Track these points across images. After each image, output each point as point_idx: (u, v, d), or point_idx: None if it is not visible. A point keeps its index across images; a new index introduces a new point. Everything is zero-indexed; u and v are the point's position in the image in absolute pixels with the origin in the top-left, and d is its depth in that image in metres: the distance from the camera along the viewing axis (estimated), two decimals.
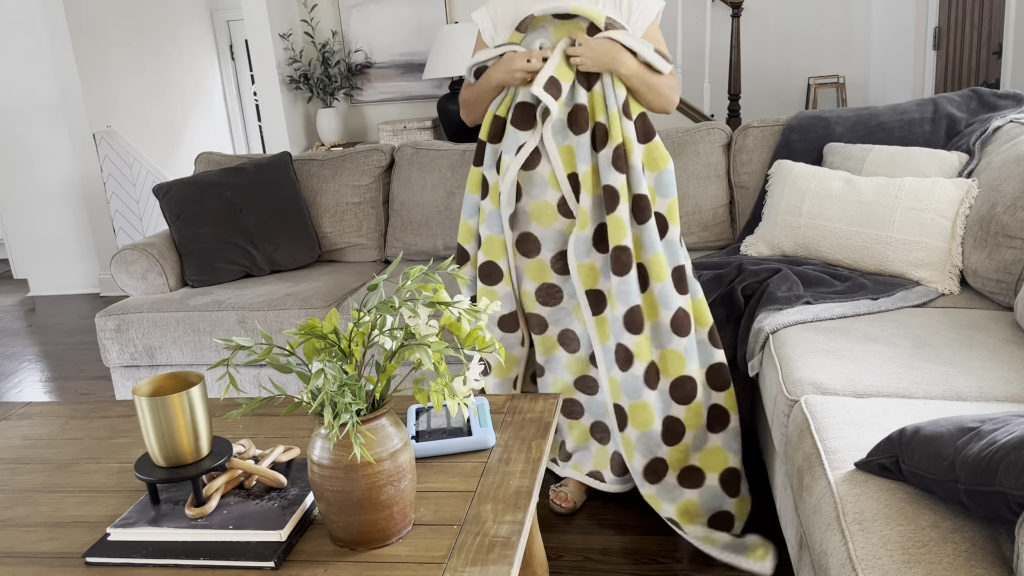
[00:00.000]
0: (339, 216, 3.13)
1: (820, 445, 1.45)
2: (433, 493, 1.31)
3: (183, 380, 1.31)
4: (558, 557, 2.02)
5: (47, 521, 1.34)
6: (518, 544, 1.16)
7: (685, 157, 2.86)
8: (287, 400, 1.91)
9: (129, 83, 5.27)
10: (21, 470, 1.53)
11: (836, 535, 1.23)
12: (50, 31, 4.77)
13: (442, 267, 1.19)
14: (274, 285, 2.85)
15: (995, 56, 3.98)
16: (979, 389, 1.62)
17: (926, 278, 2.21)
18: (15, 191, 5.21)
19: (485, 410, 1.52)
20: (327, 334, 1.13)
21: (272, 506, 1.26)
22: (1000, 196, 2.08)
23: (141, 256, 2.89)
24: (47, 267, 5.33)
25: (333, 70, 4.67)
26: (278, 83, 4.56)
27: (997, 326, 1.92)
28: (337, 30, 4.76)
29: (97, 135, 4.92)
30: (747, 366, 2.10)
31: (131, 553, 1.20)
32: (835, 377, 1.71)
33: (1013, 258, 2.00)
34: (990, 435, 1.09)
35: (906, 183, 2.27)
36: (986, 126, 2.45)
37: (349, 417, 1.07)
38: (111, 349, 2.78)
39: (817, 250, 2.39)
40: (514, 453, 1.42)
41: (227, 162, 3.26)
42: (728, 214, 2.86)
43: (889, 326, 1.96)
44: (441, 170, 3.06)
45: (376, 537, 1.17)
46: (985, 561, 1.08)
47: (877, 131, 2.65)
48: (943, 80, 4.72)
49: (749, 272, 2.30)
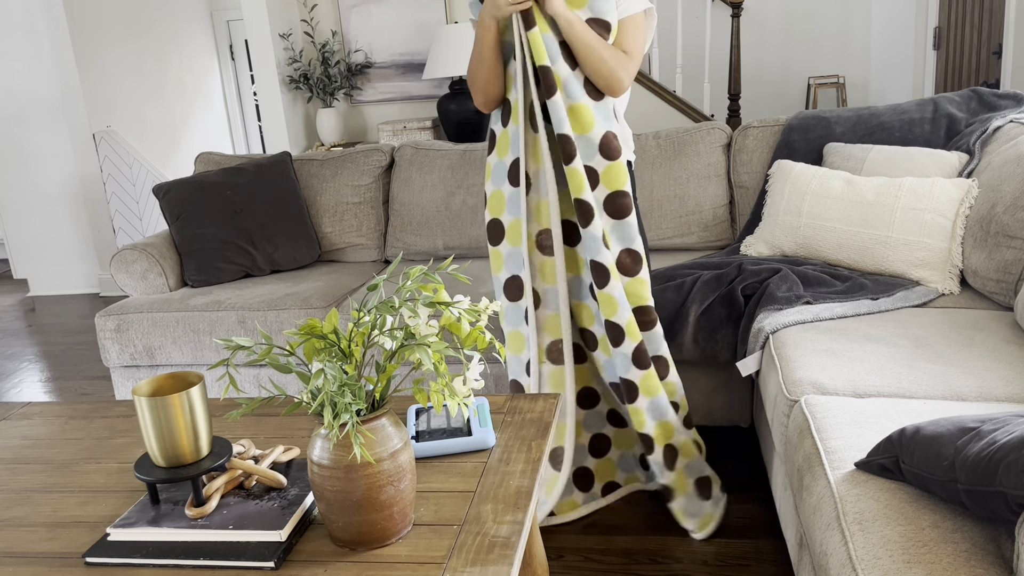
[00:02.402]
0: (339, 216, 3.13)
1: (820, 445, 1.45)
2: (433, 493, 1.31)
3: (183, 380, 1.31)
4: (558, 557, 2.02)
5: (47, 521, 1.34)
6: (518, 544, 1.16)
7: (685, 157, 2.86)
8: (287, 400, 1.91)
9: (129, 83, 5.27)
10: (21, 470, 1.53)
11: (836, 535, 1.23)
12: (50, 31, 4.77)
13: (442, 267, 1.19)
14: (274, 285, 2.85)
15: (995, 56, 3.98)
16: (979, 389, 1.62)
17: (926, 278, 2.21)
18: (15, 191, 5.21)
19: (485, 410, 1.52)
20: (327, 334, 1.13)
21: (272, 506, 1.26)
22: (1000, 196, 2.08)
23: (141, 256, 2.89)
24: (47, 267, 5.33)
25: (333, 70, 4.67)
26: (278, 83, 4.56)
27: (997, 326, 1.92)
28: (337, 30, 4.76)
29: (97, 135, 4.92)
30: (747, 367, 2.10)
31: (131, 553, 1.20)
32: (835, 377, 1.71)
33: (1013, 258, 2.00)
34: (990, 435, 1.09)
35: (906, 183, 2.27)
36: (986, 126, 2.45)
37: (349, 417, 1.07)
38: (111, 349, 2.78)
39: (817, 250, 2.39)
40: (514, 453, 1.42)
41: (227, 162, 3.26)
42: (728, 214, 2.86)
43: (889, 326, 1.96)
44: (441, 170, 3.06)
45: (376, 537, 1.17)
46: (985, 561, 1.08)
47: (877, 131, 2.65)
48: (943, 80, 4.72)
49: (749, 272, 2.30)
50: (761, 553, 1.98)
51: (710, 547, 2.01)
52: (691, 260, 2.57)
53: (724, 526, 2.09)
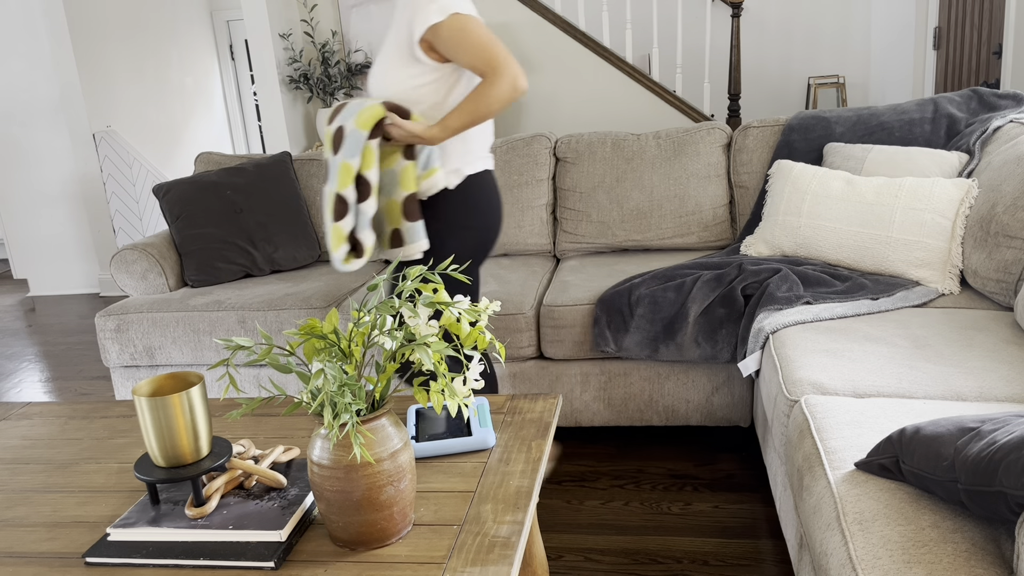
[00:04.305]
0: None
1: (820, 445, 1.45)
2: (433, 493, 1.31)
3: (183, 380, 1.31)
4: (558, 557, 2.02)
5: (47, 521, 1.34)
6: (518, 544, 1.16)
7: (685, 157, 2.86)
8: (287, 400, 1.91)
9: (129, 83, 5.27)
10: (21, 470, 1.53)
11: (836, 535, 1.23)
12: (50, 31, 4.77)
13: (442, 267, 1.19)
14: (274, 285, 2.85)
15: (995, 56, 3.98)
16: (979, 389, 1.62)
17: (926, 278, 2.21)
18: (15, 191, 5.21)
19: (485, 410, 1.52)
20: (327, 334, 1.13)
21: (272, 506, 1.26)
22: (1000, 196, 2.08)
23: (141, 256, 2.89)
24: (47, 267, 5.33)
25: (333, 70, 4.67)
26: (278, 83, 4.56)
27: (997, 326, 1.92)
28: (337, 30, 4.76)
29: (97, 135, 4.92)
30: (747, 367, 2.10)
31: (131, 553, 1.20)
32: (835, 377, 1.71)
33: (1013, 258, 2.00)
34: (990, 435, 1.09)
35: (906, 183, 2.27)
36: (986, 126, 2.45)
37: (349, 417, 1.07)
38: (111, 349, 2.78)
39: (817, 250, 2.39)
40: (514, 453, 1.42)
41: (227, 162, 3.26)
42: (728, 214, 2.86)
43: (889, 326, 1.96)
44: None
45: (376, 537, 1.17)
46: (985, 561, 1.08)
47: (877, 131, 2.65)
48: (943, 80, 4.72)
49: (749, 272, 2.30)
50: (761, 553, 1.98)
51: (710, 547, 2.01)
52: (691, 260, 2.57)
53: (724, 526, 2.09)
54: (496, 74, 1.76)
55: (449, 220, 1.94)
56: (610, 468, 2.43)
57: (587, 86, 4.56)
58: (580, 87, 4.57)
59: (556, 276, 2.71)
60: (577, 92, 4.59)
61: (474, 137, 1.94)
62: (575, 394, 2.49)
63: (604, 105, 4.59)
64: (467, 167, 1.94)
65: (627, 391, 2.45)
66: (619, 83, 4.53)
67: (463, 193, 1.95)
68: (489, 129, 2.01)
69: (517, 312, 2.44)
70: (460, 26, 1.76)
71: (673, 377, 2.41)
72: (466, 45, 1.76)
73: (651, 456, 2.48)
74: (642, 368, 2.42)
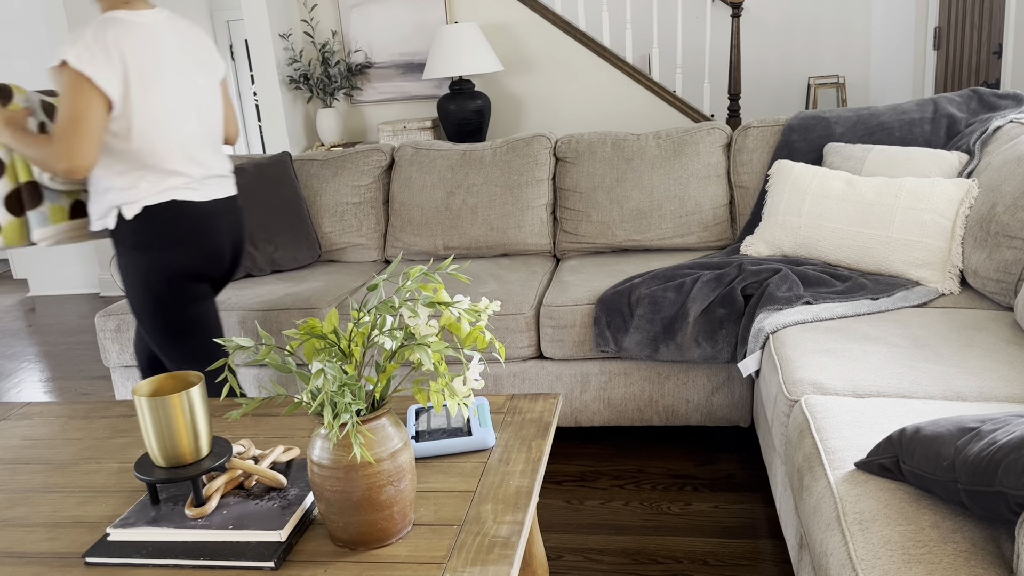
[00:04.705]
0: (339, 216, 3.13)
1: (820, 445, 1.45)
2: (433, 493, 1.31)
3: (183, 380, 1.31)
4: (558, 557, 2.02)
5: (47, 521, 1.34)
6: (518, 544, 1.16)
7: (685, 157, 2.86)
8: (287, 400, 1.91)
9: None
10: (21, 470, 1.53)
11: (836, 535, 1.23)
12: (50, 31, 4.77)
13: (442, 267, 1.19)
14: (274, 285, 2.85)
15: (995, 56, 3.98)
16: (979, 389, 1.62)
17: (926, 278, 2.21)
18: None
19: (485, 410, 1.52)
20: (327, 334, 1.13)
21: (272, 506, 1.26)
22: (1000, 196, 2.08)
23: None
24: (47, 267, 5.33)
25: (333, 70, 4.66)
26: (278, 83, 4.56)
27: (997, 326, 1.92)
28: (337, 30, 4.76)
29: None
30: (747, 367, 2.10)
31: (131, 553, 1.20)
32: (835, 377, 1.71)
33: (1013, 258, 2.00)
34: (990, 435, 1.09)
35: (906, 183, 2.27)
36: (986, 126, 2.45)
37: (349, 417, 1.07)
38: (111, 349, 2.78)
39: (817, 250, 2.39)
40: (514, 453, 1.42)
41: None
42: (728, 214, 2.86)
43: (889, 326, 1.96)
44: (441, 170, 3.06)
45: (376, 537, 1.17)
46: (985, 561, 1.08)
47: (877, 131, 2.65)
48: (943, 80, 4.71)
49: (749, 272, 2.30)
50: (761, 553, 1.98)
51: (710, 547, 2.01)
52: (691, 260, 2.57)
53: (724, 526, 2.09)
54: (59, 143, 1.85)
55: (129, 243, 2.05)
56: (610, 468, 2.43)
57: (587, 86, 4.57)
58: (580, 87, 4.57)
59: (556, 276, 2.71)
60: (577, 92, 4.59)
61: (142, 174, 2.01)
62: (575, 394, 2.49)
63: (604, 105, 4.59)
64: (138, 202, 2.01)
65: (627, 391, 2.45)
66: (619, 83, 4.53)
67: (140, 221, 2.03)
68: (170, 164, 2.04)
69: (517, 312, 2.44)
70: (69, 80, 1.85)
71: (673, 377, 2.41)
72: (64, 98, 1.86)
73: (651, 456, 2.48)
74: (642, 368, 2.42)
